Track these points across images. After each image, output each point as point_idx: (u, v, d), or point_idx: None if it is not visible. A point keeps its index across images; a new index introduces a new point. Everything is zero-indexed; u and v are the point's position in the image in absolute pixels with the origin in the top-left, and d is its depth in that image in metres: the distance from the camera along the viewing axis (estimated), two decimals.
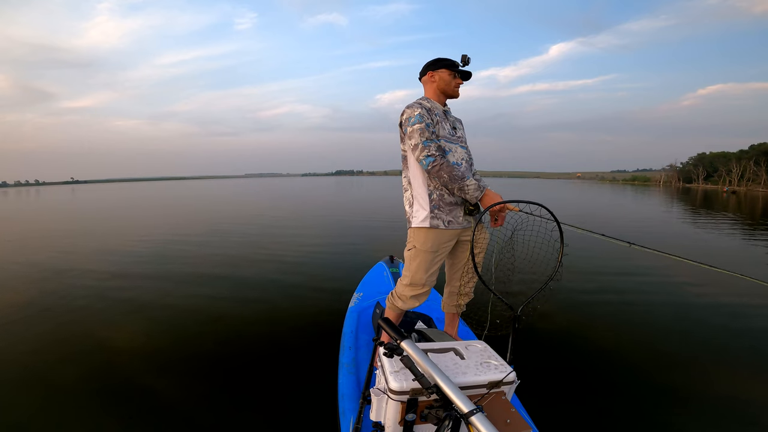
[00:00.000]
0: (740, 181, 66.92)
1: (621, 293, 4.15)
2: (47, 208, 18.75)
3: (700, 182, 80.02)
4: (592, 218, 11.82)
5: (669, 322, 3.35)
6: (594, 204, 18.36)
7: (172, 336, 3.04)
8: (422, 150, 1.61)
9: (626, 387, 2.36)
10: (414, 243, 1.74)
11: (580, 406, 2.15)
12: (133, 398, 2.21)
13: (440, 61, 1.75)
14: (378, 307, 2.35)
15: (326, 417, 1.88)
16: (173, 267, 5.38)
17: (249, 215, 12.56)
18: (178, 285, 4.46)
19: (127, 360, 2.66)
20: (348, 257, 5.97)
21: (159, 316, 3.47)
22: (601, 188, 43.23)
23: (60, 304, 3.84)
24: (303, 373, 2.43)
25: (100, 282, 4.63)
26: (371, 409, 1.16)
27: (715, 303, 3.84)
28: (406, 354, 1.03)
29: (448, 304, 1.99)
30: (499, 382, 1.10)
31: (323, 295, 3.98)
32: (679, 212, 14.38)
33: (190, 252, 6.43)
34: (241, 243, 7.27)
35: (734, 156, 73.25)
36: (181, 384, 2.36)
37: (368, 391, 1.47)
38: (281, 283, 4.53)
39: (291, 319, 3.35)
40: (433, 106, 1.73)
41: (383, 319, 1.18)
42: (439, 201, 1.70)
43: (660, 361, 2.67)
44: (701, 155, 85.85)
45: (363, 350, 2.03)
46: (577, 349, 2.84)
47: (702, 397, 2.26)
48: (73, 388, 2.33)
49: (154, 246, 7.04)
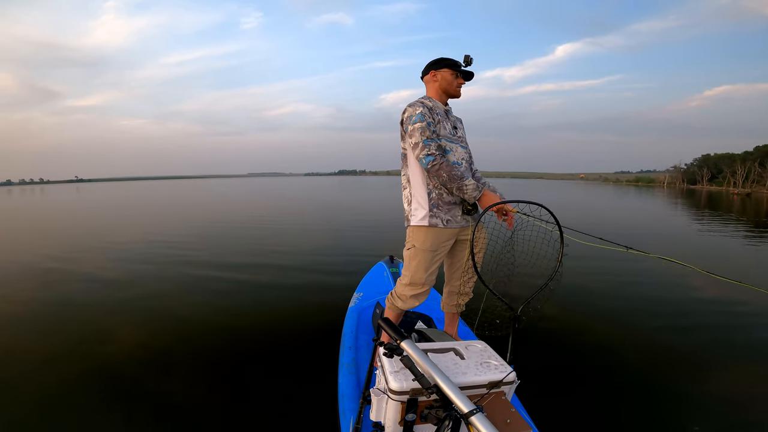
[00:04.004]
0: (745, 183, 66.48)
1: (621, 293, 4.14)
2: (54, 208, 18.87)
3: (705, 183, 79.52)
4: (597, 220, 11.76)
5: (669, 322, 3.34)
6: (603, 206, 18.26)
7: (172, 337, 3.05)
8: (422, 149, 1.61)
9: (626, 387, 2.35)
10: (413, 242, 1.74)
11: (580, 406, 2.15)
12: (133, 398, 2.22)
13: (443, 60, 1.75)
14: (378, 307, 2.34)
15: (326, 417, 1.88)
16: (174, 268, 5.40)
17: (249, 216, 12.58)
18: (178, 286, 4.47)
19: (127, 360, 2.67)
20: (348, 257, 5.97)
21: (159, 317, 3.48)
22: (604, 189, 43.02)
23: (64, 303, 3.86)
24: (303, 373, 2.43)
25: (103, 282, 4.66)
26: (371, 409, 1.15)
27: (716, 303, 3.82)
28: (406, 354, 1.03)
29: (447, 304, 1.99)
30: (499, 382, 1.09)
31: (323, 295, 3.99)
32: (705, 220, 12.25)
33: (191, 253, 6.45)
34: (241, 243, 7.30)
35: (739, 157, 72.74)
36: (181, 384, 2.37)
37: (368, 391, 1.47)
38: (281, 282, 4.54)
39: (291, 319, 3.36)
40: (434, 105, 1.73)
41: (383, 319, 1.18)
42: (438, 200, 1.70)
43: (660, 360, 2.66)
44: (706, 156, 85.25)
45: (363, 350, 2.03)
46: (577, 349, 2.84)
47: (702, 397, 2.25)
48: (77, 387, 2.34)
49: (155, 247, 7.07)
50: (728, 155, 78.11)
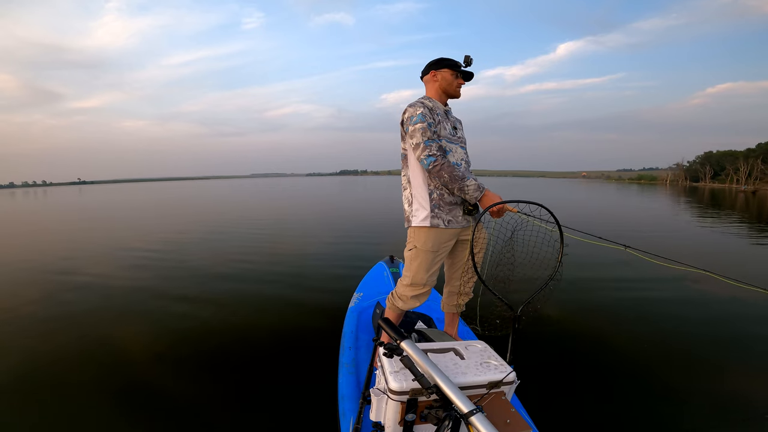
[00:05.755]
0: (748, 180, 66.13)
1: (621, 294, 4.11)
2: (59, 210, 18.95)
3: (707, 181, 79.11)
4: (603, 221, 11.70)
5: (669, 322, 3.33)
6: (607, 205, 18.19)
7: (172, 338, 3.05)
8: (423, 149, 1.60)
9: (626, 387, 2.34)
10: (414, 243, 1.73)
11: (580, 406, 2.14)
12: (132, 398, 2.23)
13: (443, 60, 1.75)
14: (378, 307, 2.34)
15: (326, 417, 1.88)
16: (174, 268, 5.42)
17: (250, 216, 12.61)
18: (179, 286, 4.49)
19: (127, 358, 2.69)
20: (348, 257, 5.96)
21: (159, 318, 3.48)
22: (606, 187, 42.85)
23: (69, 303, 3.88)
24: (303, 373, 2.43)
25: (109, 282, 4.68)
26: (371, 409, 1.15)
27: (716, 303, 3.79)
28: (406, 354, 1.03)
29: (447, 304, 1.99)
30: (499, 382, 1.09)
31: (323, 295, 3.98)
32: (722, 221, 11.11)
33: (190, 253, 6.47)
34: (241, 243, 7.30)
35: (741, 154, 72.34)
36: (181, 384, 2.37)
37: (368, 391, 1.47)
38: (281, 282, 4.54)
39: (291, 319, 3.36)
40: (435, 105, 1.72)
41: (383, 319, 1.18)
42: (439, 200, 1.69)
43: (660, 360, 2.65)
44: (708, 154, 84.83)
45: (363, 350, 2.03)
46: (577, 349, 2.83)
47: (702, 397, 2.24)
48: (81, 386, 2.36)
49: (155, 248, 7.09)
50: (731, 152, 77.71)
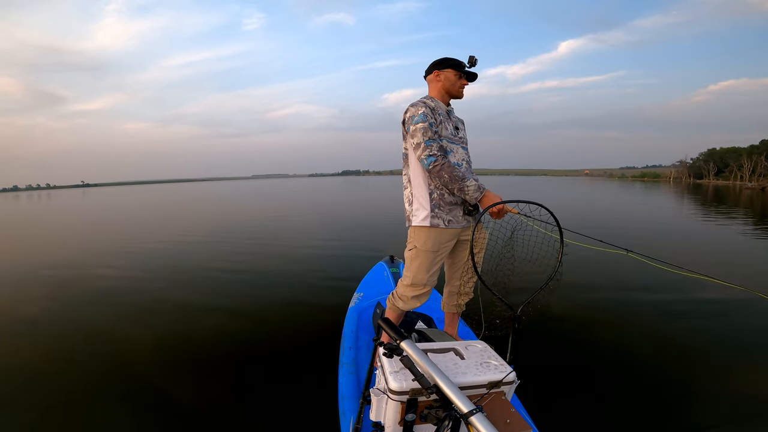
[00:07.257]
0: (752, 177, 65.64)
1: (621, 294, 4.10)
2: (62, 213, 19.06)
3: (711, 178, 78.56)
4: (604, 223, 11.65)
5: (669, 322, 3.31)
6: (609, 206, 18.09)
7: (172, 338, 3.07)
8: (424, 149, 1.60)
9: (626, 387, 2.34)
10: (415, 243, 1.73)
11: (580, 406, 2.14)
12: (133, 398, 2.24)
13: (447, 60, 1.74)
14: (378, 307, 2.34)
15: (326, 417, 1.89)
16: (174, 270, 5.44)
17: (250, 216, 12.64)
18: (179, 287, 4.51)
19: (127, 360, 2.70)
20: (348, 257, 5.97)
21: (158, 318, 3.50)
22: (609, 185, 42.62)
23: (74, 307, 3.91)
24: (303, 373, 2.44)
25: (112, 284, 4.71)
26: (371, 409, 1.15)
27: (716, 303, 3.78)
28: (406, 354, 1.03)
29: (448, 304, 1.99)
30: (499, 382, 1.09)
31: (323, 295, 4.00)
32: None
33: (189, 254, 6.50)
34: (241, 244, 7.33)
35: (745, 151, 71.78)
36: (182, 385, 2.39)
37: (368, 391, 1.47)
38: (281, 283, 4.56)
39: (291, 319, 3.37)
40: (437, 105, 1.72)
41: (383, 319, 1.18)
42: (439, 200, 1.69)
43: (659, 360, 2.64)
44: (711, 151, 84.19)
45: (363, 350, 2.03)
46: (577, 348, 2.83)
47: (702, 397, 2.23)
48: (84, 386, 2.38)
49: (155, 249, 7.13)
50: (734, 149, 77.11)
